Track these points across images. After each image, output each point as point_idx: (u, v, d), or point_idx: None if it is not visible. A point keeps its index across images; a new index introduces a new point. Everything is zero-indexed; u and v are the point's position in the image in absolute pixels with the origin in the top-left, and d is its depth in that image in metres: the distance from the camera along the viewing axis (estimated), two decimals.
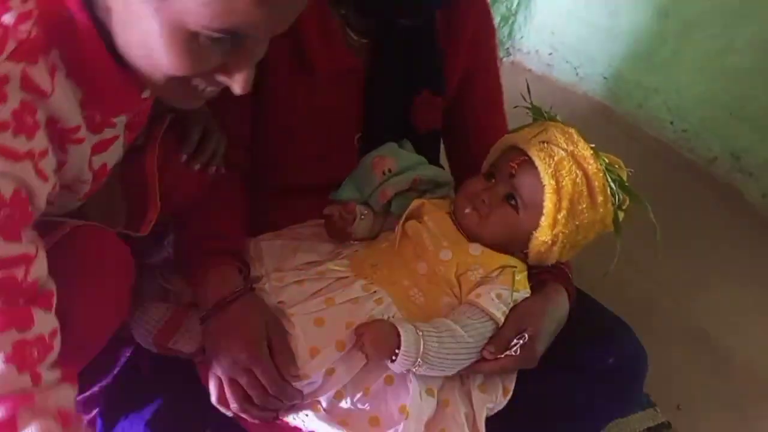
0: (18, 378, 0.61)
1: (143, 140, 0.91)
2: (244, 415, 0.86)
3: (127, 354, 0.99)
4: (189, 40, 0.61)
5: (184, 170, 0.94)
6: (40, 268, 0.65)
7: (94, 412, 0.97)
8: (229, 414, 0.86)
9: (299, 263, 0.98)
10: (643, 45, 2.08)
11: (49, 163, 0.66)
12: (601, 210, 0.96)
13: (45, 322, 0.65)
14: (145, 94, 0.79)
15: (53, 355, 0.65)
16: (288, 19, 0.65)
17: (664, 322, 1.44)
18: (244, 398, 0.85)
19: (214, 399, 0.86)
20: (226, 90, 1.02)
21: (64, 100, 0.66)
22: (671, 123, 2.03)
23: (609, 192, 0.96)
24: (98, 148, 0.78)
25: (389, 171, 1.04)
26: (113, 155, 0.83)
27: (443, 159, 1.25)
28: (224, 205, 1.02)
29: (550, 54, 2.39)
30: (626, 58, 2.13)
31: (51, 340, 0.65)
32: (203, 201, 0.99)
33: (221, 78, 0.69)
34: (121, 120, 0.80)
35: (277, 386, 0.84)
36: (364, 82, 1.05)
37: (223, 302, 0.89)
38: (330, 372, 0.87)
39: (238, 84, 0.69)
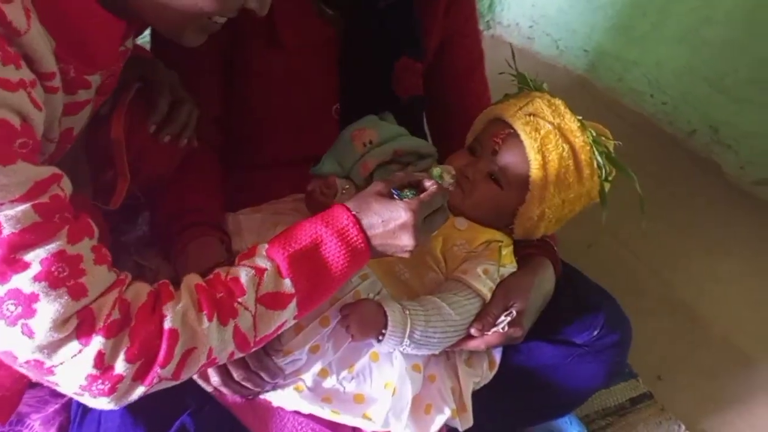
0: (109, 275, 0.67)
1: (108, 109, 0.87)
2: (224, 390, 0.83)
3: None
4: None
5: (153, 142, 0.90)
6: (68, 184, 0.66)
7: (68, 396, 0.94)
8: (209, 389, 0.84)
9: None
10: (623, 18, 2.07)
11: (39, 93, 0.65)
12: (588, 183, 0.95)
13: (95, 226, 0.67)
14: (126, 46, 0.76)
15: None
16: None
17: (645, 292, 1.45)
18: (226, 373, 0.82)
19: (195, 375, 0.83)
20: (198, 65, 0.98)
21: (39, 41, 0.64)
22: (651, 96, 2.03)
23: (596, 165, 0.94)
24: (69, 110, 0.75)
25: (370, 143, 1.01)
26: (81, 120, 0.80)
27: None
28: (200, 179, 0.98)
29: (531, 27, 2.37)
30: (607, 31, 2.12)
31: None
32: (178, 175, 0.96)
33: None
34: (95, 80, 0.77)
35: (258, 362, 0.82)
36: (339, 52, 1.02)
37: (206, 274, 0.86)
38: (314, 349, 0.85)
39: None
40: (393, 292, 0.91)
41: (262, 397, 0.86)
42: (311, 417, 0.86)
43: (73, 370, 0.63)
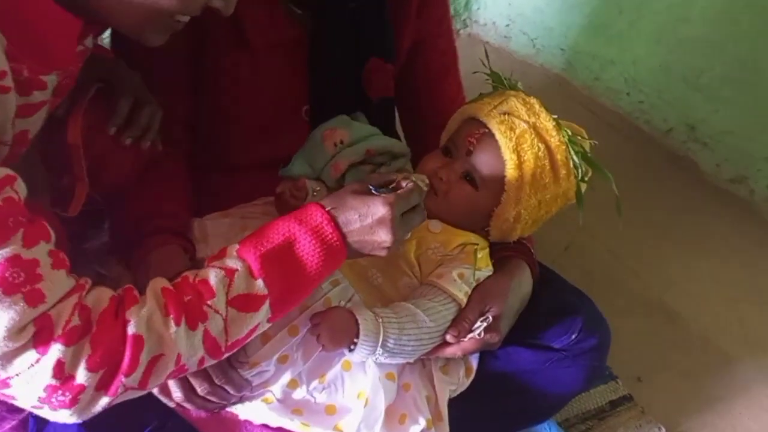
0: (68, 280, 0.64)
1: (65, 111, 0.83)
2: (187, 406, 0.79)
3: None
4: None
5: (114, 145, 0.86)
6: (23, 186, 0.63)
7: (26, 411, 0.89)
8: (172, 405, 0.80)
9: None
10: (600, 16, 2.06)
11: None
12: (564, 184, 0.92)
13: (52, 230, 0.65)
14: (85, 45, 0.73)
15: None
16: None
17: (623, 292, 1.44)
18: (188, 387, 0.78)
19: (155, 390, 0.79)
20: (163, 65, 0.95)
21: None
22: (627, 94, 2.03)
23: (572, 165, 0.92)
24: (24, 111, 0.71)
25: (341, 143, 0.98)
26: (37, 123, 0.76)
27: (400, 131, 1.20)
28: (165, 183, 0.95)
29: (507, 25, 2.35)
30: (583, 29, 2.11)
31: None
32: (141, 180, 0.92)
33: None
34: (51, 81, 0.73)
35: (223, 375, 0.78)
36: (309, 53, 1.00)
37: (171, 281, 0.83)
38: (283, 359, 0.82)
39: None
40: (366, 299, 0.88)
41: (228, 410, 0.82)
42: (280, 430, 0.82)
43: (30, 382, 0.60)
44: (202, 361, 0.68)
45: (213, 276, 0.68)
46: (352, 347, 0.80)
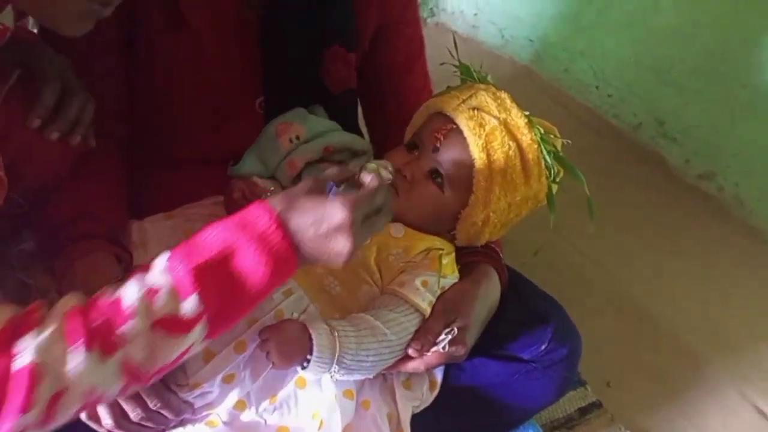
0: None
1: None
2: None
3: None
4: None
5: (39, 139, 0.77)
6: None
7: None
8: None
9: None
10: (569, 6, 2.02)
11: None
12: (535, 185, 0.87)
13: None
14: (2, 24, 0.65)
15: None
16: None
17: (592, 291, 1.41)
18: (120, 413, 0.70)
19: (83, 415, 0.71)
20: (92, 49, 0.86)
21: None
22: (597, 88, 1.99)
23: (544, 165, 0.87)
24: None
25: (297, 139, 0.92)
26: None
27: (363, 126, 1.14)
28: (96, 180, 0.86)
29: (476, 14, 2.30)
30: (552, 19, 2.07)
31: None
32: (69, 179, 0.82)
33: None
34: None
35: (159, 399, 0.70)
36: (260, 38, 0.92)
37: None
38: (228, 379, 0.75)
39: None
40: (322, 309, 0.81)
41: None
42: None
43: None
44: (125, 388, 0.60)
45: (133, 293, 0.59)
46: (305, 364, 0.73)
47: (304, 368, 0.73)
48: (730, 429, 1.20)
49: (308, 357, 0.72)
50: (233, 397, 0.75)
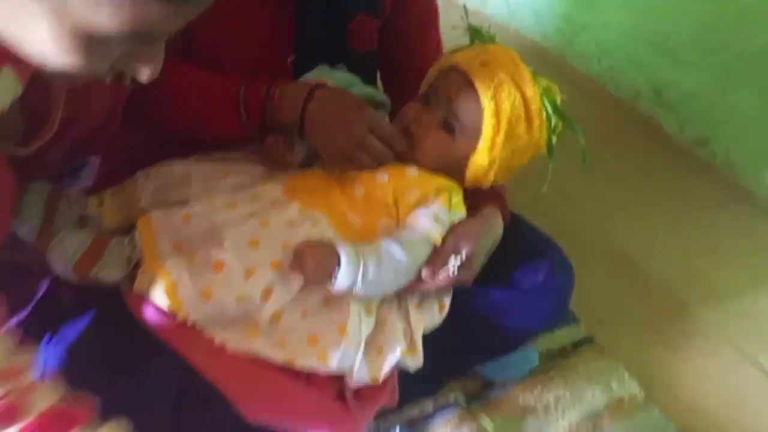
0: None
1: None
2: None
3: (45, 287, 0.92)
4: (89, 44, 0.53)
5: (93, 84, 0.82)
6: None
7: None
8: None
9: (230, 186, 0.94)
10: None
11: None
12: (537, 133, 0.97)
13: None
14: None
15: None
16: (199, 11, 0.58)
17: (588, 245, 1.50)
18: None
19: None
20: None
21: None
22: (598, 60, 2.08)
23: (545, 116, 0.97)
24: None
25: None
26: None
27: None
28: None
29: None
30: None
31: None
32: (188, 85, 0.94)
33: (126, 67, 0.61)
34: None
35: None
36: (296, 4, 1.01)
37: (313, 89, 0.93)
38: (266, 294, 0.85)
39: (145, 75, 0.61)
40: (345, 238, 0.92)
41: (217, 341, 0.85)
42: (265, 363, 0.85)
43: None
44: None
45: None
46: (333, 279, 0.84)
47: (332, 283, 0.85)
48: (711, 363, 1.31)
49: (336, 273, 0.84)
50: (270, 309, 0.86)
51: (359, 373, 0.88)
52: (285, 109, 0.94)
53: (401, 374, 0.96)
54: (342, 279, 0.84)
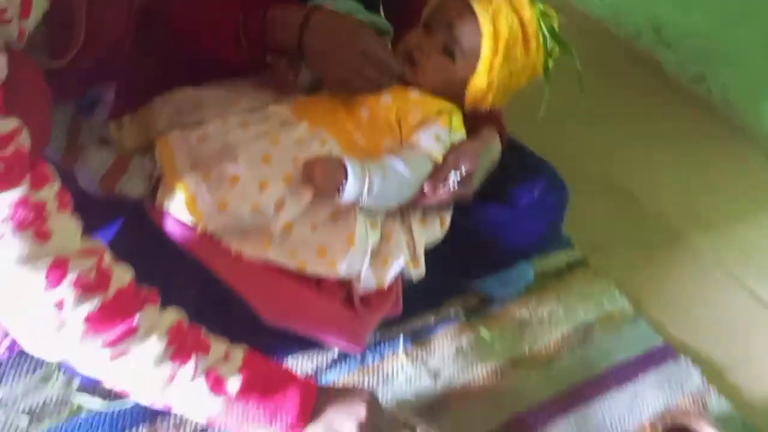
0: (71, 219, 0.71)
1: None
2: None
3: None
4: None
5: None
6: (27, 136, 0.67)
7: None
8: None
9: (242, 108, 0.99)
10: None
11: None
12: (534, 56, 1.01)
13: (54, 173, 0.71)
14: None
15: None
16: None
17: (586, 175, 1.52)
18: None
19: None
20: None
21: None
22: None
23: (541, 39, 1.01)
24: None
25: None
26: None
27: None
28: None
29: None
30: None
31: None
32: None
33: None
34: None
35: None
36: None
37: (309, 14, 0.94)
38: (279, 205, 0.90)
39: None
40: (350, 156, 0.97)
41: (234, 250, 0.91)
42: (278, 269, 0.91)
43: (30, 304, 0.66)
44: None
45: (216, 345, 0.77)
46: (341, 190, 0.90)
47: (340, 195, 0.91)
48: (703, 289, 1.37)
49: (344, 181, 0.89)
50: (282, 220, 0.92)
51: (366, 279, 0.94)
52: (282, 34, 0.95)
53: (405, 288, 1.03)
54: (349, 190, 0.90)
